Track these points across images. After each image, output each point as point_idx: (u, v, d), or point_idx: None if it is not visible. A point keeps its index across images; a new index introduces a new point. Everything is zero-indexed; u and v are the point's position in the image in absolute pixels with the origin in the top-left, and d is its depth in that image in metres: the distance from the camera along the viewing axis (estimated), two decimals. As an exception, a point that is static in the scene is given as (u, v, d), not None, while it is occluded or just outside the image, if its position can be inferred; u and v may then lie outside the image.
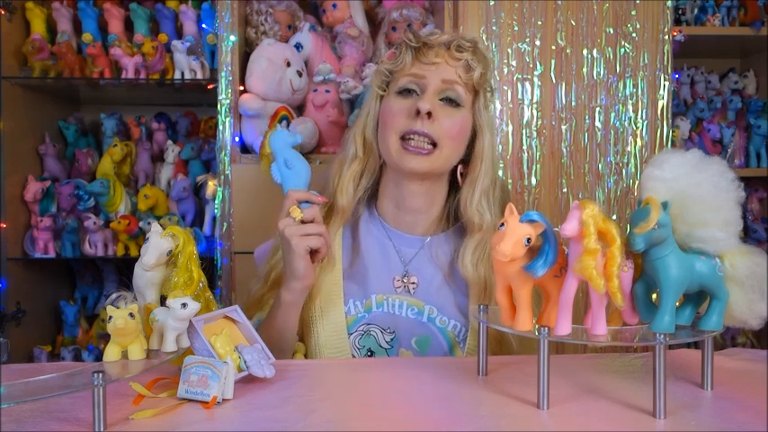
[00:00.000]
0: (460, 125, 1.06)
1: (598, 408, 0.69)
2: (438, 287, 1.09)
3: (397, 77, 1.08)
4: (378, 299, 1.08)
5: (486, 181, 1.08)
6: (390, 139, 1.05)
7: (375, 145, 1.11)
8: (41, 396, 0.62)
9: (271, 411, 0.68)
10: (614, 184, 1.84)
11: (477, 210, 1.07)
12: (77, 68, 2.05)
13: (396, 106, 1.06)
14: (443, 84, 1.05)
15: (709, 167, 0.71)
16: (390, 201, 1.13)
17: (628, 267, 0.71)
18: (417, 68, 1.06)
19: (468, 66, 1.06)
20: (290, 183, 1.01)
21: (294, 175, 1.01)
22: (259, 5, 1.94)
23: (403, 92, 1.07)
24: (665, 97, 1.84)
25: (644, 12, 1.83)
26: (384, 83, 1.10)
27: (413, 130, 1.02)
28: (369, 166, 1.12)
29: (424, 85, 1.05)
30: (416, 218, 1.12)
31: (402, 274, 1.10)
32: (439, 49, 1.06)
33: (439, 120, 1.03)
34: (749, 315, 0.72)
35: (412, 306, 1.08)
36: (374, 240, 1.13)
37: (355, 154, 1.11)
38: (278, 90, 1.79)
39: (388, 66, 1.09)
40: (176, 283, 0.76)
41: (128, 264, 2.10)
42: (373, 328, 1.07)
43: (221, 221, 1.82)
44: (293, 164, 1.01)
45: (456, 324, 1.07)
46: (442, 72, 1.05)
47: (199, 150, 2.17)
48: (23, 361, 2.02)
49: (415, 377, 0.81)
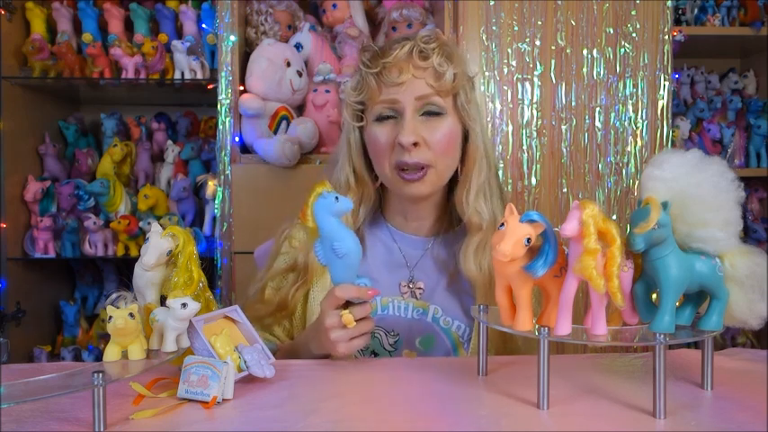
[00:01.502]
0: (448, 136, 1.02)
1: (598, 408, 0.69)
2: (443, 289, 1.09)
3: (370, 105, 1.04)
4: (383, 302, 1.08)
5: (480, 178, 1.06)
6: (386, 171, 1.03)
7: (366, 174, 1.08)
8: (41, 396, 0.62)
9: (271, 411, 0.68)
10: (614, 184, 1.85)
11: (475, 210, 1.05)
12: (77, 68, 2.06)
13: (379, 136, 1.02)
14: (418, 101, 1.00)
15: (709, 167, 0.71)
16: (397, 213, 1.13)
17: (628, 267, 0.71)
18: (387, 93, 1.01)
19: (436, 72, 1.00)
20: (339, 275, 0.86)
21: (343, 267, 0.85)
22: (259, 5, 1.94)
23: (380, 119, 1.03)
24: (665, 97, 1.84)
25: (644, 12, 1.83)
26: (358, 111, 1.06)
27: (403, 162, 1.00)
28: (365, 195, 1.09)
29: (399, 110, 1.01)
30: (422, 223, 1.12)
31: (408, 279, 1.10)
32: (402, 65, 1.00)
33: (426, 142, 1.00)
34: (749, 315, 0.72)
35: (417, 307, 1.08)
36: (380, 244, 1.12)
37: (348, 186, 1.07)
38: (278, 90, 1.79)
39: (355, 98, 1.05)
40: (176, 283, 0.76)
41: (128, 264, 2.10)
42: (378, 331, 1.07)
43: (221, 221, 1.82)
44: (342, 250, 0.83)
45: (460, 325, 1.07)
46: (413, 89, 1.00)
47: (199, 150, 2.17)
48: (23, 361, 2.02)
49: (415, 377, 0.81)
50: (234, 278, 1.80)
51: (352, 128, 1.07)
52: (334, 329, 0.87)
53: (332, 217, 0.82)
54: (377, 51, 1.03)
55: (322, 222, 0.82)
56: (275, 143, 1.70)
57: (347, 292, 0.85)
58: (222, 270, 1.83)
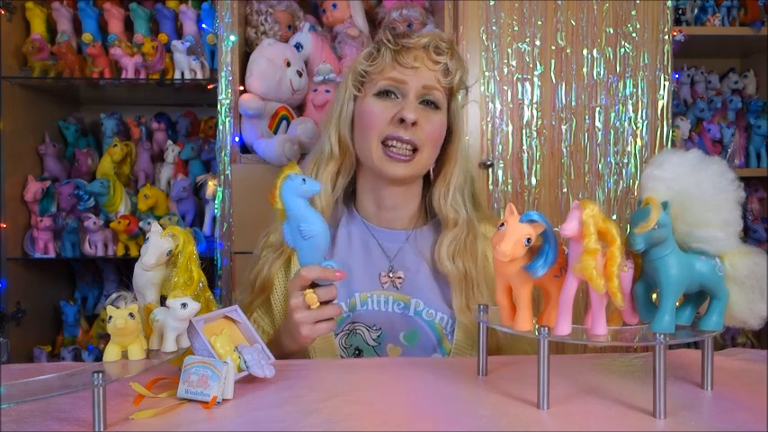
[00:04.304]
0: (439, 129, 1.08)
1: (598, 408, 0.69)
2: (424, 280, 1.10)
3: (375, 79, 1.07)
4: (362, 297, 1.08)
5: (460, 179, 1.10)
6: (371, 144, 1.05)
7: (351, 144, 1.10)
8: (41, 396, 0.62)
9: (271, 411, 0.68)
10: (614, 184, 1.85)
11: (452, 206, 1.09)
12: (77, 68, 2.05)
13: (375, 109, 1.05)
14: (424, 89, 1.06)
15: (709, 167, 0.71)
16: (370, 200, 1.14)
17: (628, 267, 0.71)
18: (397, 72, 1.05)
19: (446, 70, 1.07)
20: (306, 257, 0.86)
21: (310, 248, 0.85)
22: (259, 5, 1.94)
23: (381, 94, 1.06)
24: (665, 97, 1.84)
25: (644, 12, 1.83)
26: (359, 82, 1.09)
27: (396, 136, 1.03)
28: (345, 166, 1.11)
29: (405, 91, 1.05)
30: (396, 214, 1.13)
31: (388, 269, 1.11)
32: (418, 53, 1.05)
33: (421, 125, 1.04)
34: (749, 315, 0.72)
35: (398, 301, 1.08)
36: (356, 239, 1.13)
37: (331, 154, 1.10)
38: (278, 90, 1.79)
39: (365, 67, 1.08)
40: (176, 283, 0.76)
41: (128, 264, 2.10)
42: (359, 327, 1.07)
43: (221, 221, 1.82)
44: (309, 231, 0.83)
45: (443, 316, 1.08)
46: (422, 77, 1.05)
47: (199, 150, 2.17)
48: (23, 361, 2.02)
49: (414, 377, 0.81)
50: (234, 278, 1.80)
51: (347, 96, 1.10)
52: (298, 309, 0.87)
53: (299, 198, 0.83)
54: (401, 32, 1.09)
55: (289, 204, 0.83)
56: (275, 143, 1.70)
57: (312, 272, 0.86)
58: (222, 270, 1.83)
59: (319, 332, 0.89)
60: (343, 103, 1.10)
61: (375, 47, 1.09)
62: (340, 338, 1.07)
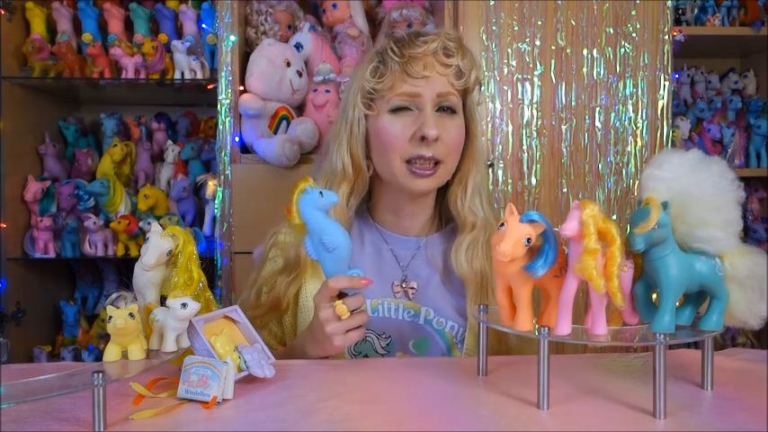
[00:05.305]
0: (459, 136, 1.04)
1: (598, 408, 0.69)
2: (435, 288, 1.08)
3: (386, 96, 1.02)
4: (372, 304, 1.06)
5: (477, 179, 1.08)
6: (395, 163, 1.02)
7: (364, 164, 1.06)
8: (41, 396, 0.62)
9: (271, 411, 0.68)
10: (614, 184, 1.85)
11: (470, 209, 1.06)
12: (77, 68, 2.05)
13: (393, 129, 1.01)
14: (439, 97, 1.01)
15: (709, 167, 0.71)
16: (388, 209, 1.11)
17: (628, 267, 0.71)
18: (408, 85, 1.00)
19: (459, 72, 1.03)
20: (331, 268, 0.85)
21: (334, 260, 0.84)
22: (259, 5, 1.94)
23: (397, 110, 1.02)
24: (665, 97, 1.84)
25: (644, 12, 1.83)
26: (368, 99, 1.04)
27: (419, 155, 1.00)
28: (358, 184, 1.07)
29: (420, 103, 1.01)
30: (414, 221, 1.11)
31: (401, 279, 1.09)
32: (427, 60, 1.00)
33: (441, 139, 1.00)
34: (749, 315, 0.72)
35: (408, 309, 1.07)
36: (369, 245, 1.11)
37: (344, 174, 1.05)
38: (278, 90, 1.79)
39: (372, 85, 1.02)
40: (176, 283, 0.76)
41: (128, 264, 2.10)
42: (369, 334, 1.05)
43: (221, 221, 1.82)
44: (332, 243, 0.83)
45: (453, 325, 1.06)
46: (435, 85, 1.01)
47: (199, 150, 2.17)
48: (23, 361, 2.02)
49: (415, 377, 0.81)
50: (234, 278, 1.80)
51: (358, 116, 1.05)
52: (329, 322, 0.86)
53: (318, 211, 0.82)
54: (405, 41, 1.02)
55: (308, 218, 0.82)
56: (275, 143, 1.70)
57: (339, 283, 0.85)
58: (222, 270, 1.83)
59: (351, 341, 0.88)
60: (354, 123, 1.05)
61: (379, 59, 1.03)
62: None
